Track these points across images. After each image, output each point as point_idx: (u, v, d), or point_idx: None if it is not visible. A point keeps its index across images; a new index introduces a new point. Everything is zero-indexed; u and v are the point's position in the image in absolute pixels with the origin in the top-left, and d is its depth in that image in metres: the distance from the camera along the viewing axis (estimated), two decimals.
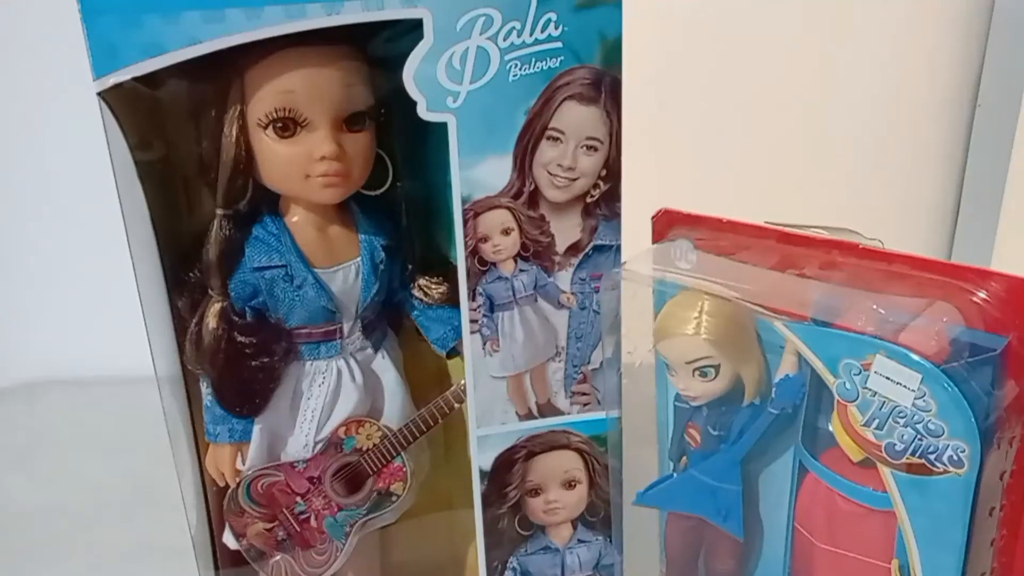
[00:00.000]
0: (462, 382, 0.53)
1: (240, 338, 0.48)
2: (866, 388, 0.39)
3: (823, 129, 0.87)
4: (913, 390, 0.37)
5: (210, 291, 0.48)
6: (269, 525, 0.52)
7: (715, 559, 0.55)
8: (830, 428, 0.46)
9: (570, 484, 0.56)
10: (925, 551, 0.39)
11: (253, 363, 0.49)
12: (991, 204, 0.82)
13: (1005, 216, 0.80)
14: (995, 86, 0.82)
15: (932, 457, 0.37)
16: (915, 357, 0.37)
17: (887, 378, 0.38)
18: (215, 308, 0.48)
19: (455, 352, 0.55)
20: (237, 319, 0.49)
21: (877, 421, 0.39)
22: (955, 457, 0.37)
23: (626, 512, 0.57)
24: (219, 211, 0.48)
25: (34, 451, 1.01)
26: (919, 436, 0.38)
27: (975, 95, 0.84)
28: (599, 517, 0.57)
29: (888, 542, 0.43)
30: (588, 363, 0.53)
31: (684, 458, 0.54)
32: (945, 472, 0.37)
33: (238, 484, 0.51)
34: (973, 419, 0.36)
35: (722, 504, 0.52)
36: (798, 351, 0.47)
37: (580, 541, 0.57)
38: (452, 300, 0.53)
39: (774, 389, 0.47)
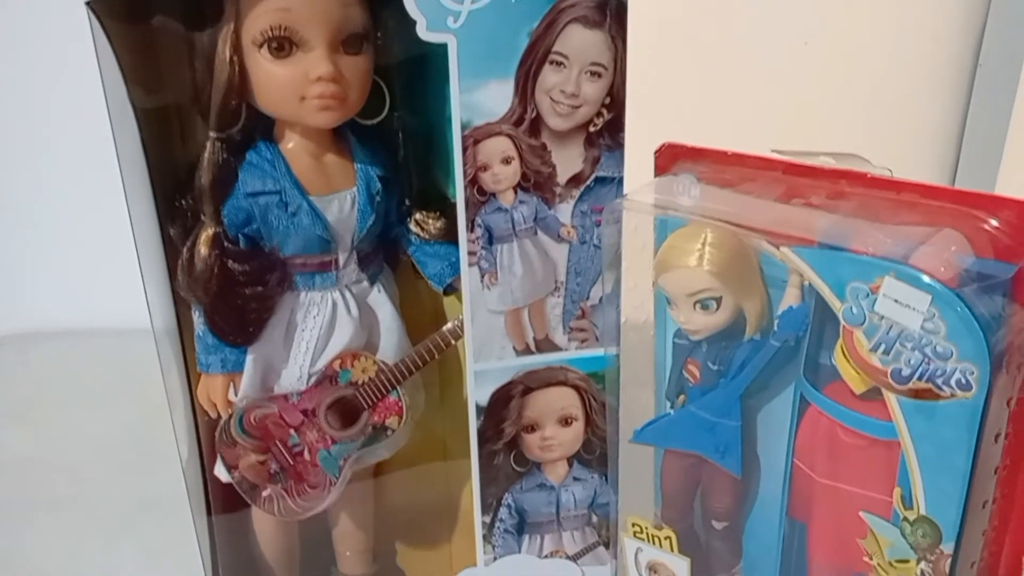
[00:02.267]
0: (459, 317, 0.52)
1: (233, 265, 0.47)
2: (873, 312, 0.38)
3: (829, 59, 0.86)
4: (922, 312, 0.36)
5: (202, 217, 0.47)
6: (262, 457, 0.51)
7: (712, 497, 0.55)
8: (832, 362, 0.45)
9: (566, 421, 0.55)
10: (929, 479, 0.39)
11: (246, 291, 0.48)
12: (995, 136, 0.81)
13: (1010, 147, 0.79)
14: (1004, 9, 0.80)
15: (939, 381, 0.37)
16: (925, 278, 0.36)
17: (895, 301, 0.37)
18: (207, 234, 0.47)
19: (452, 289, 0.54)
20: (230, 246, 0.47)
21: (883, 346, 0.38)
22: (963, 380, 0.36)
23: (622, 450, 0.57)
24: (212, 135, 0.47)
25: (29, 403, 1.01)
26: (926, 360, 0.37)
27: (983, 22, 0.82)
28: (595, 455, 0.57)
29: (890, 474, 0.43)
30: (587, 299, 0.53)
31: (682, 396, 0.54)
32: (952, 396, 0.37)
33: (230, 415, 0.50)
34: (983, 340, 0.35)
35: (720, 440, 0.52)
36: (801, 283, 0.46)
37: (575, 479, 0.57)
38: (450, 236, 0.52)
39: (777, 321, 0.46)
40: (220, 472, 0.52)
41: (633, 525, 0.57)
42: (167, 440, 0.87)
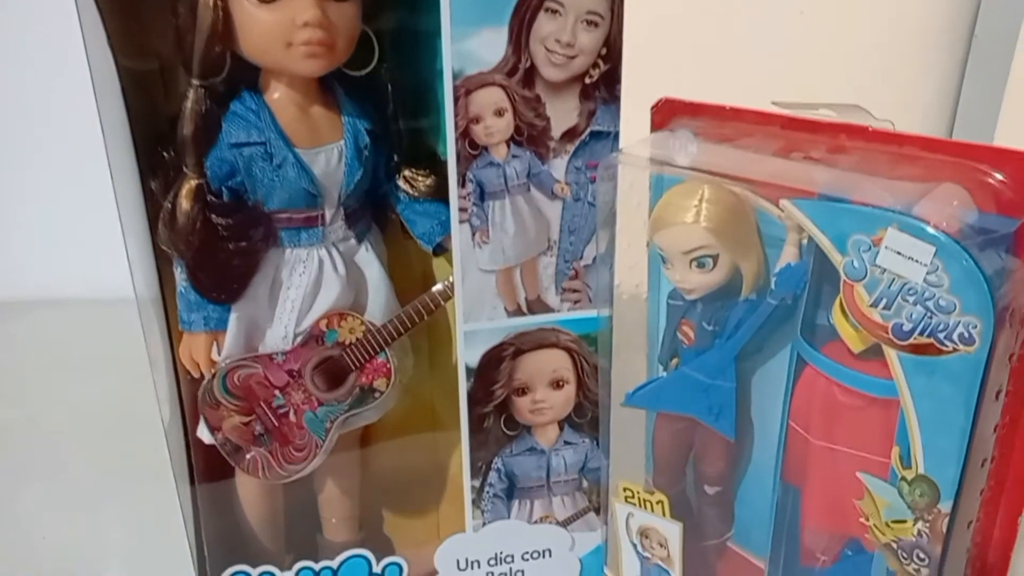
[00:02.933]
0: (450, 278, 0.51)
1: (216, 219, 0.46)
2: (875, 266, 0.37)
3: (829, 10, 0.84)
4: (925, 265, 0.35)
5: (185, 169, 0.46)
6: (246, 419, 0.50)
7: (704, 462, 0.54)
8: (830, 321, 0.44)
9: (558, 384, 0.55)
10: (928, 437, 0.38)
11: (230, 246, 0.47)
12: (995, 85, 0.80)
13: (1008, 101, 0.79)
14: None
15: (941, 336, 0.36)
16: (930, 230, 0.35)
17: (898, 253, 0.36)
18: (190, 186, 0.45)
19: (442, 249, 0.53)
20: (213, 199, 0.46)
21: (885, 300, 0.37)
22: (966, 334, 0.35)
23: (614, 414, 0.56)
24: (195, 83, 0.45)
25: (9, 371, 0.99)
26: (928, 314, 0.36)
27: None
28: (586, 419, 0.56)
29: (887, 435, 0.42)
30: (580, 258, 0.51)
31: (675, 360, 0.53)
32: (954, 351, 0.36)
33: (213, 375, 0.49)
34: (988, 293, 0.34)
35: (714, 402, 0.51)
36: (799, 242, 0.45)
37: (566, 443, 0.56)
38: (440, 193, 0.50)
39: (774, 279, 0.46)
40: (203, 434, 0.50)
41: (624, 490, 0.56)
42: (149, 408, 0.86)
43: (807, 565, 0.52)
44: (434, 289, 0.52)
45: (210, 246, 0.46)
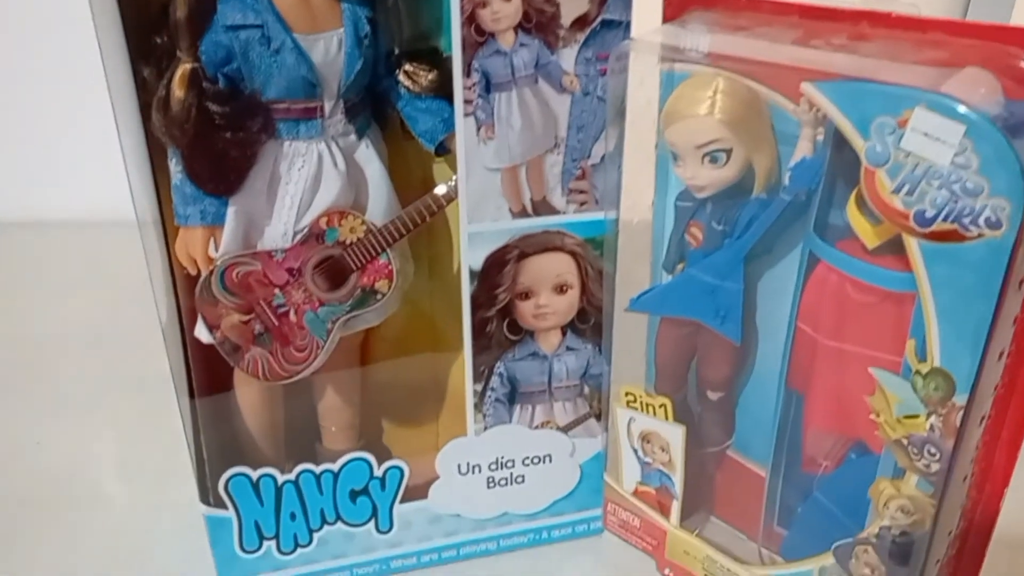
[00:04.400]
0: (453, 179, 0.49)
1: (212, 107, 0.44)
2: (899, 149, 0.36)
3: None
4: (953, 146, 0.34)
5: (179, 53, 0.44)
6: (245, 317, 0.49)
7: (708, 366, 0.54)
8: (844, 219, 0.43)
9: (561, 288, 0.54)
10: (946, 327, 0.38)
11: (226, 135, 0.45)
12: None
13: None
14: None
15: (966, 221, 0.35)
16: (961, 108, 0.34)
17: (925, 135, 0.35)
18: (183, 71, 0.43)
19: (444, 149, 0.51)
20: (209, 86, 0.44)
21: (908, 186, 0.36)
22: (993, 218, 0.35)
23: (617, 320, 0.55)
24: None
25: None
26: (954, 198, 0.35)
27: None
28: (589, 325, 0.55)
29: (899, 332, 0.42)
30: (588, 157, 0.50)
31: (680, 265, 0.52)
32: (979, 236, 0.35)
33: (211, 272, 0.48)
34: (1020, 172, 0.33)
35: (721, 305, 0.50)
36: (814, 137, 0.44)
37: (568, 348, 0.55)
38: (443, 90, 0.49)
39: (788, 174, 0.44)
40: (201, 333, 0.49)
41: (627, 394, 0.55)
42: (140, 326, 0.85)
43: (809, 471, 0.52)
44: (437, 190, 0.51)
45: (206, 135, 0.44)
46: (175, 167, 0.46)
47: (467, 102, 0.46)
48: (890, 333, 0.43)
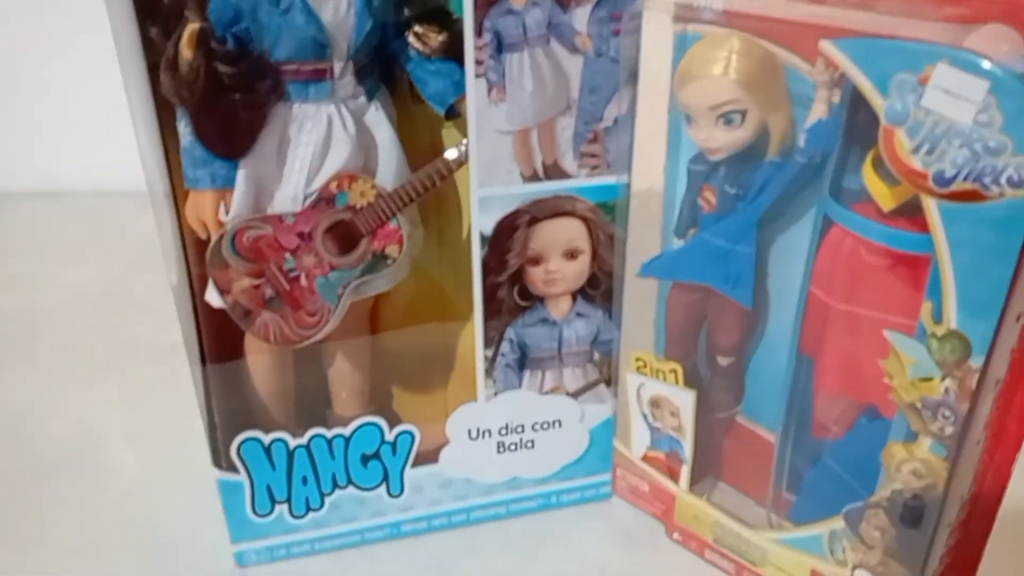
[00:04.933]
0: (464, 142, 0.49)
1: (221, 67, 0.44)
2: (919, 108, 0.36)
3: None
4: (976, 103, 0.34)
5: (186, 13, 0.43)
6: (256, 281, 0.49)
7: (718, 332, 0.54)
8: (860, 182, 0.43)
9: (572, 254, 0.53)
10: (963, 289, 0.38)
11: (235, 96, 0.44)
12: None
13: None
14: None
15: (987, 180, 0.35)
16: (985, 64, 0.33)
17: (946, 92, 0.34)
18: (191, 31, 0.43)
19: (454, 113, 0.51)
20: (217, 46, 0.43)
21: (928, 146, 0.36)
22: (1015, 177, 0.34)
23: (627, 286, 0.55)
24: None
25: (2, 257, 0.98)
26: (975, 157, 0.35)
27: None
28: (599, 290, 0.55)
29: (915, 295, 0.41)
30: (600, 120, 0.49)
31: (692, 231, 0.52)
32: (1000, 196, 0.35)
33: (221, 236, 0.47)
34: None
35: (732, 270, 0.50)
36: (829, 98, 0.43)
37: (579, 315, 0.55)
38: (453, 52, 0.48)
39: (804, 135, 0.44)
40: (212, 297, 0.49)
41: (636, 360, 0.55)
42: (145, 293, 0.86)
43: (819, 437, 0.52)
44: (447, 154, 0.50)
45: (215, 96, 0.44)
46: (184, 129, 0.45)
47: (478, 63, 0.46)
48: (905, 296, 0.42)
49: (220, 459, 0.52)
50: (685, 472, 0.56)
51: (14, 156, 1.12)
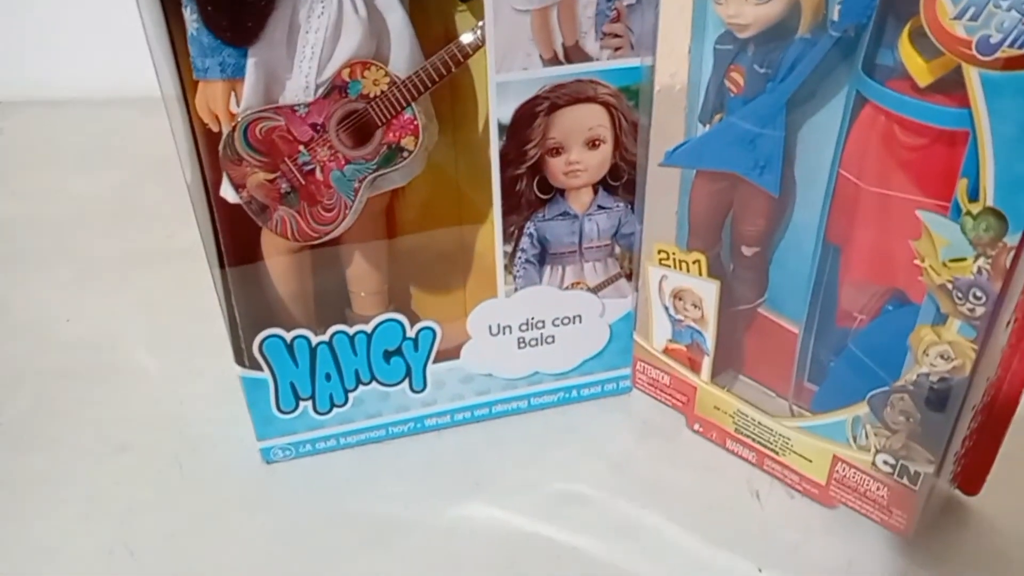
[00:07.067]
0: (479, 24, 0.47)
1: None
2: None
3: None
4: None
5: None
6: (271, 176, 0.48)
7: (744, 221, 0.53)
8: (896, 57, 0.41)
9: (594, 143, 0.52)
10: (1002, 164, 0.36)
11: None
12: None
13: None
14: None
15: None
16: None
17: None
18: None
19: None
20: None
21: (972, 10, 0.34)
22: None
23: (650, 176, 0.54)
24: None
25: (9, 168, 0.97)
26: (1023, 21, 0.33)
27: None
28: (621, 182, 0.54)
29: (950, 174, 0.40)
30: None
31: (718, 116, 0.50)
32: None
33: (233, 128, 0.46)
34: None
35: (760, 155, 0.49)
36: None
37: (600, 208, 0.54)
38: None
39: (838, 7, 0.42)
40: (227, 192, 0.48)
41: (659, 252, 0.55)
42: (154, 202, 0.85)
43: (843, 326, 0.51)
44: (463, 38, 0.48)
45: None
46: (190, 15, 0.43)
47: None
48: (939, 175, 0.41)
49: (243, 357, 0.53)
50: (707, 364, 0.56)
51: (15, 64, 1.10)
